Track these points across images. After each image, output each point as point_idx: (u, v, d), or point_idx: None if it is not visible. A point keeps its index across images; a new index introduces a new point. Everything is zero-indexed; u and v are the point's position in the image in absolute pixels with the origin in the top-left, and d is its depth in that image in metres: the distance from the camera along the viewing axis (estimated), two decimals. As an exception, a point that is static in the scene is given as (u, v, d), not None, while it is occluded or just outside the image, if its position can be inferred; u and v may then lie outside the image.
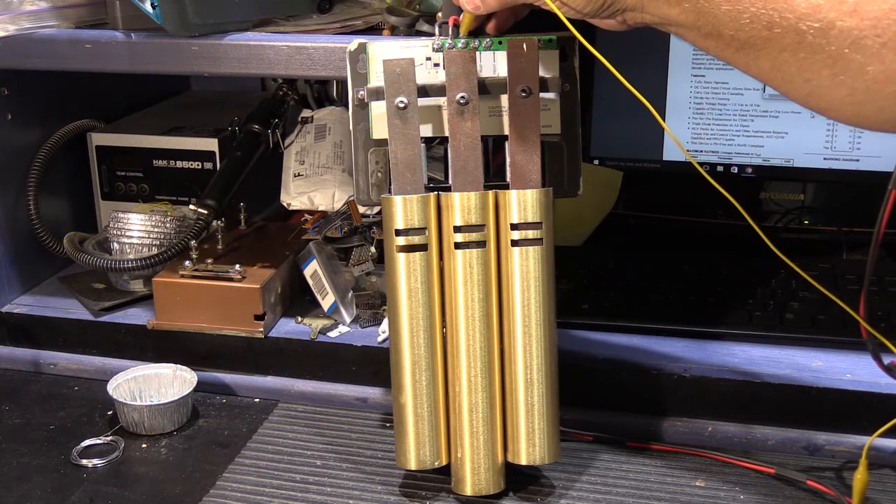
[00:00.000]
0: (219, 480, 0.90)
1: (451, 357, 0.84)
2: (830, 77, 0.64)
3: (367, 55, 0.86)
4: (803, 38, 0.64)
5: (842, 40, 0.63)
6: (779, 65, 0.67)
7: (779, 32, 0.65)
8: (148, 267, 1.08)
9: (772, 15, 0.65)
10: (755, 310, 1.02)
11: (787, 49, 0.65)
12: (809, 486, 0.86)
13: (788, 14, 0.65)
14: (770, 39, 0.66)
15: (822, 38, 0.63)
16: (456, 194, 0.82)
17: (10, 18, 0.99)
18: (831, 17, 0.63)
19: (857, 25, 0.62)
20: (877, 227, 0.70)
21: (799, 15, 0.64)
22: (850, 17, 0.63)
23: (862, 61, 0.63)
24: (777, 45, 0.66)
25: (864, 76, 0.63)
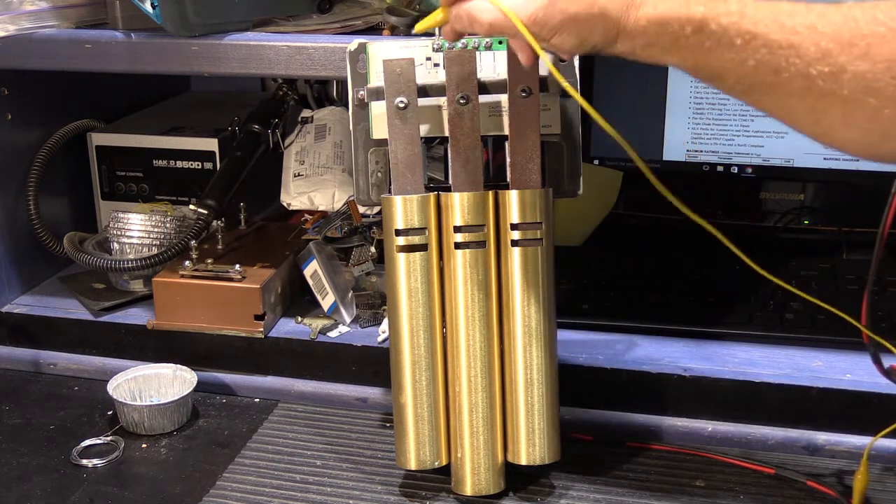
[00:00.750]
0: (219, 480, 0.90)
1: (451, 357, 0.84)
2: (842, 119, 0.63)
3: (367, 55, 0.86)
4: (813, 83, 0.62)
5: (855, 85, 0.61)
6: (786, 107, 0.65)
7: (786, 77, 0.63)
8: (148, 267, 1.07)
9: (778, 60, 0.63)
10: (755, 310, 1.02)
11: (794, 94, 0.64)
12: (809, 486, 0.86)
13: (796, 59, 0.62)
14: (776, 84, 0.64)
15: (833, 82, 0.61)
16: (456, 194, 0.82)
17: (10, 18, 0.99)
18: (842, 62, 0.61)
19: (871, 69, 0.60)
20: (881, 229, 0.70)
21: (808, 60, 0.62)
22: (862, 60, 0.60)
23: (877, 105, 0.60)
24: (784, 90, 0.64)
25: (880, 118, 0.61)
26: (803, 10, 0.63)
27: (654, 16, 0.67)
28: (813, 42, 0.62)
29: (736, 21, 0.64)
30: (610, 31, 0.69)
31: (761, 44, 0.64)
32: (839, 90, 0.61)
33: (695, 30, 0.66)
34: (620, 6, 0.68)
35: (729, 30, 0.65)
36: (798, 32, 0.63)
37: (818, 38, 0.62)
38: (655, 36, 0.68)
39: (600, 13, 0.68)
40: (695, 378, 0.94)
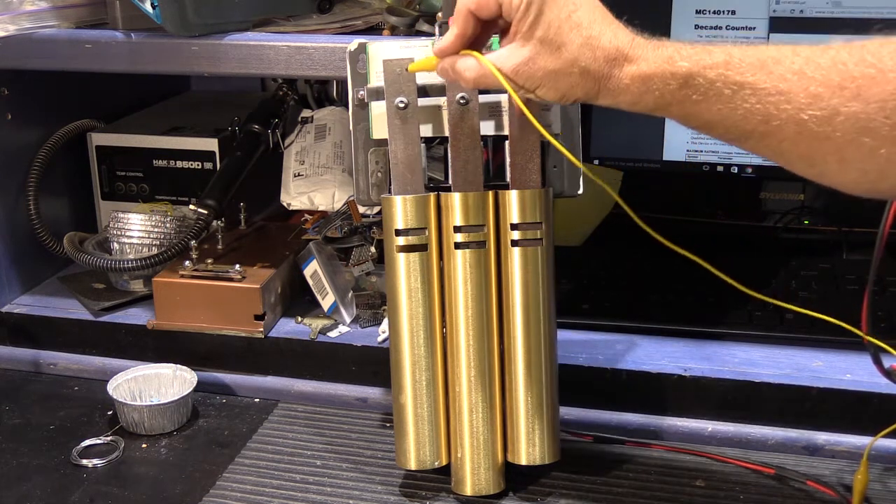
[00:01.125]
0: (219, 480, 0.90)
1: (451, 357, 0.84)
2: (838, 161, 0.62)
3: (367, 55, 0.86)
4: (805, 128, 0.62)
5: (848, 127, 0.60)
6: (781, 152, 0.64)
7: (777, 125, 0.63)
8: (148, 267, 1.07)
9: (768, 109, 0.63)
10: (755, 310, 1.02)
11: (787, 139, 0.63)
12: (809, 486, 0.86)
13: (786, 105, 0.62)
14: (768, 132, 0.63)
15: (826, 125, 0.61)
16: (456, 194, 0.82)
17: (10, 18, 0.99)
18: (834, 104, 0.60)
19: (864, 110, 0.59)
20: (880, 232, 0.70)
21: (799, 105, 0.61)
22: (854, 102, 0.59)
23: (872, 145, 0.60)
24: (777, 137, 0.63)
25: (877, 158, 0.60)
26: (790, 55, 0.63)
27: (638, 73, 0.67)
28: (802, 88, 0.61)
29: (722, 72, 0.64)
30: (591, 88, 0.70)
31: (750, 93, 0.63)
32: (833, 133, 0.61)
33: (680, 84, 0.66)
34: (602, 65, 0.68)
35: (716, 82, 0.64)
36: (787, 79, 0.62)
37: (807, 83, 0.61)
38: (640, 94, 0.68)
39: (580, 72, 0.69)
40: (695, 378, 0.94)
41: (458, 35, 0.74)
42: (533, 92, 0.72)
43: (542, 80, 0.70)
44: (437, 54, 0.76)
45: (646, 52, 0.68)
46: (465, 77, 0.74)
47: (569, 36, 0.69)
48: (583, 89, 0.70)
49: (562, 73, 0.69)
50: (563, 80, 0.70)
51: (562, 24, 0.69)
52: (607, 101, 0.70)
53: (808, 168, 0.64)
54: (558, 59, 0.69)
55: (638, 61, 0.67)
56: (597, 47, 0.68)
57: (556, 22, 0.69)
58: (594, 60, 0.68)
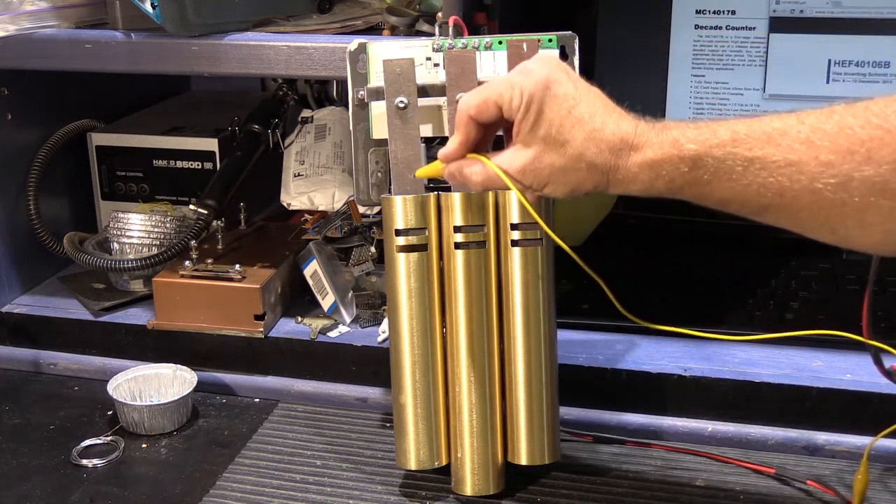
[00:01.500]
0: (219, 480, 0.90)
1: (451, 357, 0.84)
2: (859, 225, 0.61)
3: (367, 55, 0.86)
4: (821, 196, 0.61)
5: (865, 190, 0.60)
6: (800, 222, 0.64)
7: (792, 196, 0.62)
8: (148, 267, 1.07)
9: (781, 181, 0.62)
10: (755, 310, 1.02)
11: (804, 209, 0.63)
12: (809, 486, 0.86)
13: (799, 176, 0.61)
14: (784, 205, 0.63)
15: (842, 192, 0.60)
16: (456, 194, 0.82)
17: (10, 18, 0.99)
18: (846, 170, 0.60)
19: (877, 172, 0.59)
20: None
21: (811, 175, 0.61)
22: (866, 165, 0.59)
23: (892, 205, 0.59)
24: (793, 208, 0.63)
25: None
26: (795, 125, 0.63)
27: (645, 161, 0.67)
28: (812, 157, 0.61)
29: (730, 150, 0.64)
30: (600, 181, 0.70)
31: (760, 168, 0.63)
32: (850, 199, 0.60)
33: (690, 167, 0.66)
34: (608, 157, 0.68)
35: (725, 160, 0.64)
36: (795, 150, 0.62)
37: (817, 151, 0.61)
38: (650, 181, 0.68)
39: (587, 166, 0.69)
40: (695, 378, 0.94)
41: (461, 142, 0.75)
42: (541, 190, 0.72)
43: (550, 177, 0.71)
44: (442, 160, 0.76)
45: (650, 137, 0.68)
46: (472, 181, 0.75)
47: (571, 132, 0.69)
48: (592, 182, 0.70)
49: (569, 169, 0.70)
50: (571, 175, 0.70)
51: (563, 121, 0.69)
52: (619, 191, 0.70)
53: (830, 235, 0.64)
54: (563, 155, 0.69)
55: (644, 148, 0.67)
56: (601, 140, 0.68)
57: (558, 119, 0.69)
58: (599, 153, 0.68)
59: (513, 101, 0.71)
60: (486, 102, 0.72)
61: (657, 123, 0.69)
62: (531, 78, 0.70)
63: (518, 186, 0.72)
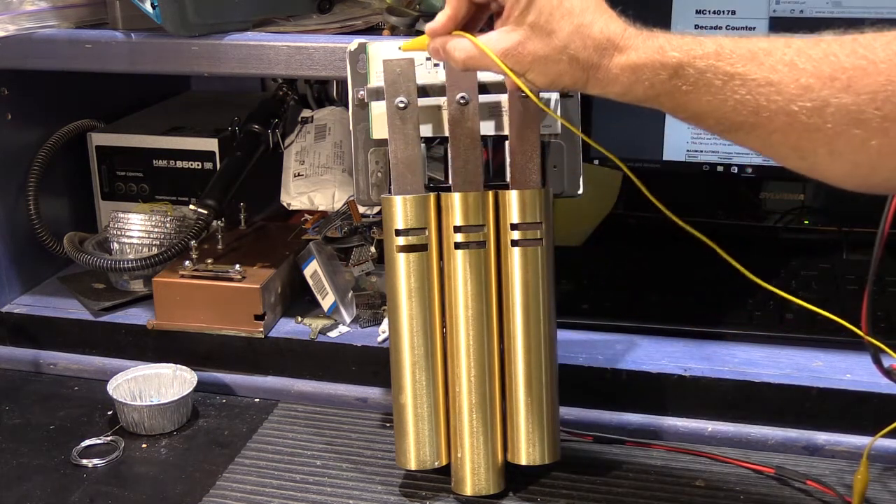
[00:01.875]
0: (219, 480, 0.90)
1: (451, 357, 0.84)
2: (828, 153, 0.62)
3: (367, 55, 0.86)
4: (796, 119, 0.61)
5: (839, 118, 0.60)
6: (770, 145, 0.64)
7: (767, 116, 0.62)
8: (148, 267, 1.07)
9: (758, 100, 0.62)
10: (755, 310, 1.02)
11: (777, 131, 0.63)
12: (809, 486, 0.86)
13: (776, 97, 0.62)
14: (758, 123, 0.63)
15: (817, 117, 0.60)
16: (456, 194, 0.82)
17: (10, 18, 0.99)
18: (825, 95, 0.60)
19: (855, 101, 0.59)
20: (881, 230, 0.70)
21: (788, 97, 0.61)
22: (844, 93, 0.59)
23: (864, 136, 0.60)
24: (767, 128, 0.63)
25: (868, 150, 0.60)
26: (781, 47, 0.63)
27: (628, 63, 0.67)
28: (793, 79, 0.61)
29: (712, 63, 0.64)
30: (579, 77, 0.69)
31: (739, 84, 0.63)
32: (823, 125, 0.60)
33: (670, 75, 0.65)
34: (591, 54, 0.68)
35: (706, 72, 0.64)
36: (777, 70, 0.62)
37: (798, 74, 0.61)
38: (629, 84, 0.67)
39: (569, 59, 0.68)
40: (695, 378, 0.94)
41: (450, 16, 0.74)
42: (522, 76, 0.72)
43: (531, 64, 0.70)
44: (429, 34, 0.76)
45: (636, 42, 0.67)
46: (455, 57, 0.74)
47: (560, 23, 0.68)
48: (571, 77, 0.69)
49: (551, 60, 0.69)
50: (552, 66, 0.69)
51: (553, 11, 0.69)
52: (596, 91, 0.70)
53: (798, 161, 0.64)
54: (548, 45, 0.69)
55: (628, 51, 0.67)
56: (587, 35, 0.68)
57: (548, 8, 0.69)
58: (584, 49, 0.68)
59: None
60: None
61: (645, 30, 0.68)
62: None
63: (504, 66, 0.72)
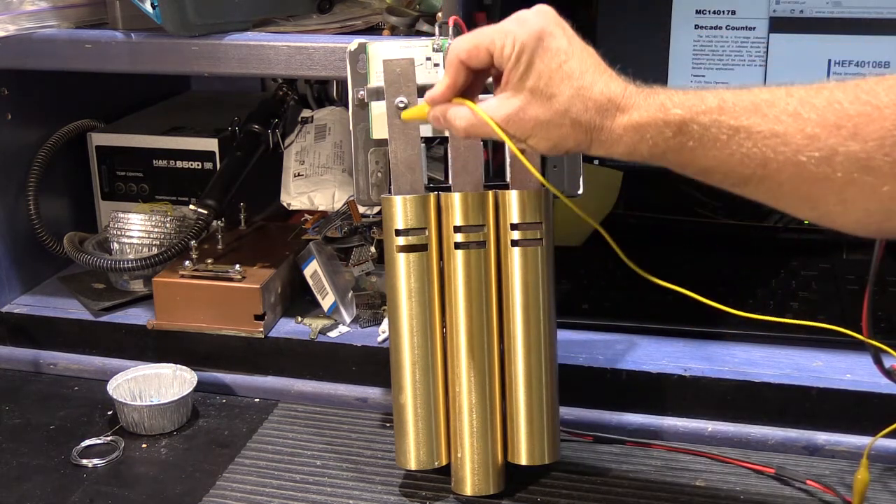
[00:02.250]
0: (219, 480, 0.90)
1: (451, 357, 0.84)
2: (839, 202, 0.61)
3: (367, 55, 0.86)
4: (804, 169, 0.61)
5: (848, 166, 0.59)
6: (780, 196, 0.64)
7: (775, 168, 0.62)
8: (148, 267, 1.07)
9: (765, 152, 0.62)
10: (755, 310, 1.02)
11: (786, 182, 0.62)
12: (809, 486, 0.86)
13: (783, 147, 0.61)
14: (766, 176, 0.63)
15: (826, 166, 0.60)
16: (456, 194, 0.82)
17: (10, 18, 0.99)
18: (832, 144, 0.59)
19: (863, 148, 0.59)
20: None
21: (795, 147, 0.61)
22: (852, 141, 0.59)
23: (874, 183, 0.59)
24: (775, 180, 0.62)
25: (880, 196, 0.59)
26: (783, 97, 0.62)
27: (630, 123, 0.66)
28: (798, 129, 0.61)
29: (716, 118, 0.63)
30: (582, 139, 0.69)
31: (745, 137, 0.62)
32: (833, 173, 0.60)
33: (675, 132, 0.65)
34: (593, 116, 0.67)
35: (710, 127, 0.64)
36: (782, 121, 0.61)
37: (803, 124, 0.61)
38: (633, 144, 0.67)
39: (571, 123, 0.68)
40: (695, 378, 0.94)
41: (448, 85, 0.74)
42: (524, 142, 0.71)
43: (533, 130, 0.70)
44: (429, 102, 0.76)
45: (638, 100, 0.67)
46: (456, 126, 0.74)
47: (560, 86, 0.68)
48: (574, 140, 0.69)
49: (553, 124, 0.69)
50: (555, 130, 0.69)
51: (553, 75, 0.68)
52: (601, 152, 0.69)
53: (810, 211, 0.64)
54: (549, 109, 0.68)
55: (630, 111, 0.67)
56: (588, 97, 0.67)
57: (547, 72, 0.68)
58: (585, 111, 0.68)
59: (504, 49, 0.69)
60: (478, 48, 0.71)
61: (646, 88, 0.68)
62: (525, 28, 0.69)
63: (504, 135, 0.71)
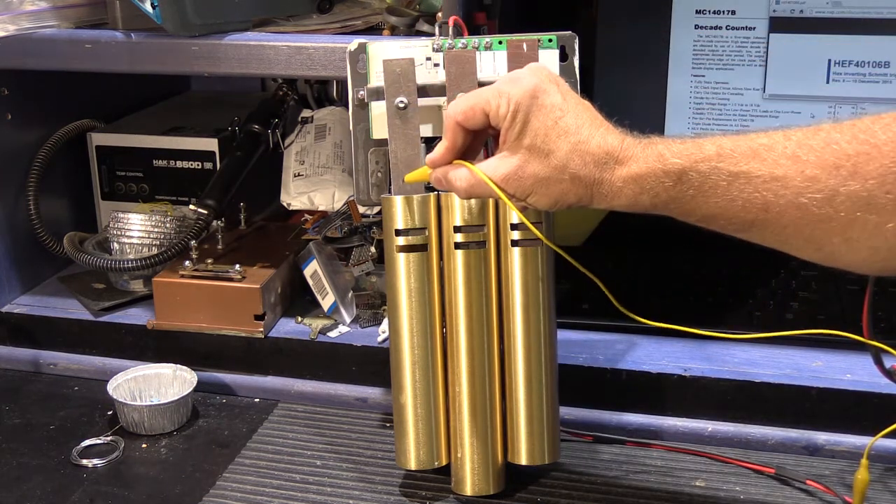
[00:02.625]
0: (219, 480, 0.90)
1: (451, 357, 0.84)
2: (844, 241, 0.61)
3: (367, 55, 0.86)
4: (806, 211, 0.61)
5: (850, 205, 0.59)
6: (785, 239, 0.64)
7: (777, 211, 0.62)
8: (148, 267, 1.07)
9: (766, 196, 0.62)
10: (755, 310, 1.02)
11: (789, 224, 0.62)
12: (809, 486, 0.86)
13: (784, 191, 0.61)
14: (769, 220, 0.63)
15: (828, 206, 0.60)
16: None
17: (10, 18, 0.99)
18: (832, 185, 0.60)
19: (864, 187, 0.59)
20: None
21: (796, 190, 0.61)
22: (852, 180, 0.59)
23: (878, 221, 0.59)
24: (779, 223, 0.63)
25: (884, 234, 0.59)
26: (781, 140, 0.63)
27: (629, 175, 0.67)
28: (798, 171, 0.61)
29: (715, 165, 0.64)
30: (583, 194, 0.69)
31: (745, 182, 0.63)
32: (836, 214, 0.60)
33: (675, 181, 0.65)
34: (592, 170, 0.68)
35: (710, 175, 0.64)
36: (781, 164, 0.62)
37: (802, 166, 0.61)
38: (634, 196, 0.67)
39: (570, 178, 0.69)
40: (695, 378, 0.94)
41: (448, 147, 0.75)
42: (525, 200, 0.72)
43: (533, 187, 0.70)
44: (429, 164, 0.77)
45: (635, 151, 0.67)
46: (456, 187, 0.75)
47: (556, 142, 0.68)
48: (575, 195, 0.70)
49: (552, 180, 0.69)
50: (554, 186, 0.70)
51: (549, 132, 0.69)
52: (603, 205, 0.70)
53: (815, 252, 0.63)
54: (547, 165, 0.69)
55: (629, 162, 0.67)
56: (585, 152, 0.68)
57: (543, 129, 0.69)
58: (584, 165, 0.68)
59: (500, 109, 0.71)
60: (474, 109, 0.72)
61: (644, 139, 0.68)
62: (519, 86, 0.70)
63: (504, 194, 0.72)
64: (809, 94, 1.08)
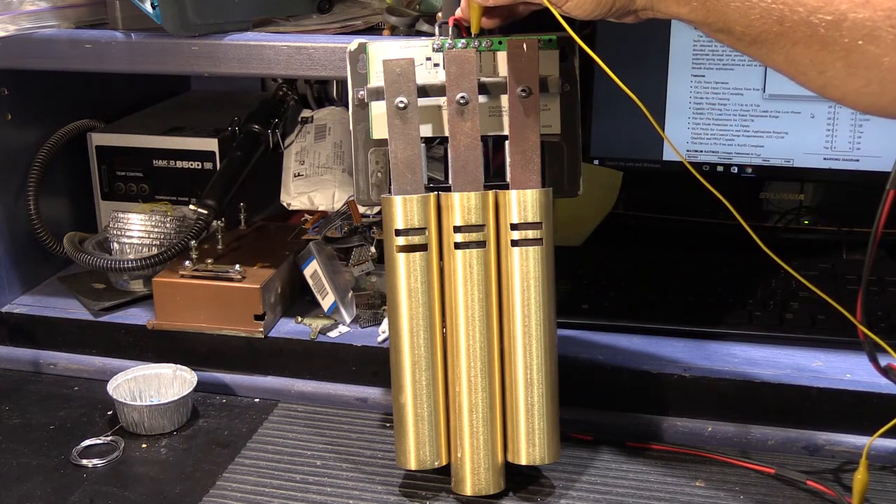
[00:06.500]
0: (219, 480, 0.90)
1: (451, 357, 0.84)
2: (845, 69, 0.65)
3: (367, 55, 0.86)
4: (815, 31, 0.65)
5: (855, 32, 0.63)
6: (792, 57, 0.67)
7: (790, 26, 0.66)
8: (148, 267, 1.07)
9: (782, 10, 0.66)
10: (755, 310, 1.02)
11: (799, 42, 0.66)
12: (809, 486, 0.86)
13: (799, 8, 0.65)
14: (781, 34, 0.66)
15: (835, 30, 0.64)
16: (456, 194, 0.82)
17: (10, 18, 0.99)
18: (843, 10, 0.64)
19: (871, 17, 0.63)
20: (874, 228, 0.70)
21: (810, 8, 0.65)
22: (862, 8, 0.63)
23: (877, 52, 0.63)
24: (789, 39, 0.66)
25: (880, 67, 0.63)
26: None
27: None
28: None
29: None
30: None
31: None
32: (840, 38, 0.64)
33: None
34: None
35: None
36: None
37: None
38: None
39: None
40: (695, 378, 0.94)
41: None
42: (564, 6, 0.74)
43: None
44: None
45: None
46: None
47: None
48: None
49: None
50: None
51: None
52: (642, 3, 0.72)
53: (817, 75, 0.67)
54: None
55: None
56: None
57: None
58: None
59: None
60: None
61: None
62: None
63: None
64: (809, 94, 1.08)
